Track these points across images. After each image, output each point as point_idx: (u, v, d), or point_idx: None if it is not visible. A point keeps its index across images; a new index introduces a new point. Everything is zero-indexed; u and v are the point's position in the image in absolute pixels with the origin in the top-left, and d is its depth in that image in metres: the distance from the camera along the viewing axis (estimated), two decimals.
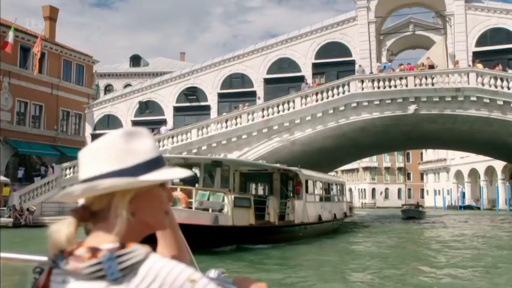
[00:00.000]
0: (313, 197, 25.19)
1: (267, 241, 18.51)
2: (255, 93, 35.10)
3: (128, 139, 1.24)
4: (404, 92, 28.28)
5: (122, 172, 1.20)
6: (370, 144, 37.00)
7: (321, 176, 27.55)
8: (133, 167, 1.21)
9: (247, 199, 19.47)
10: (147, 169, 1.23)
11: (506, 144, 33.37)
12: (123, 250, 1.15)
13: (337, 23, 34.51)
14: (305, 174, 23.55)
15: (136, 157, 1.23)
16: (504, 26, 31.69)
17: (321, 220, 25.03)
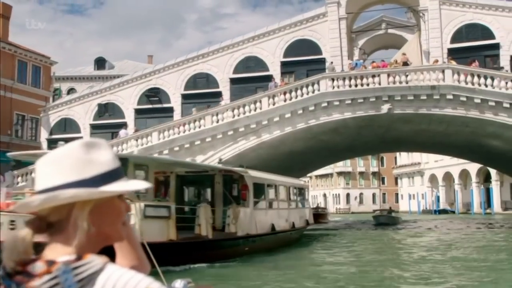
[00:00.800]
0: (265, 203, 21.73)
1: (198, 260, 15.38)
2: (221, 93, 33.18)
3: (88, 149, 1.23)
4: (377, 91, 26.66)
5: (83, 182, 1.19)
6: (343, 147, 35.43)
7: (275, 178, 23.56)
8: (93, 178, 1.20)
9: (165, 208, 15.71)
10: (107, 180, 1.22)
11: (482, 146, 32.10)
12: (79, 262, 1.13)
13: (306, 20, 32.82)
14: (253, 176, 20.03)
15: (96, 168, 1.21)
16: (480, 22, 30.38)
17: (275, 231, 21.53)
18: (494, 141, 29.93)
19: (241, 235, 18.42)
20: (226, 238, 17.96)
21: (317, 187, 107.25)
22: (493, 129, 27.39)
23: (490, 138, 29.36)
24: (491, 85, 25.52)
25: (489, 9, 30.27)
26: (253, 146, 28.78)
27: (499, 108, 25.47)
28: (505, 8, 30.09)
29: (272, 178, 23.06)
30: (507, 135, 27.70)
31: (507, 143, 29.17)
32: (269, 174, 22.85)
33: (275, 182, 23.48)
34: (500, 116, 25.57)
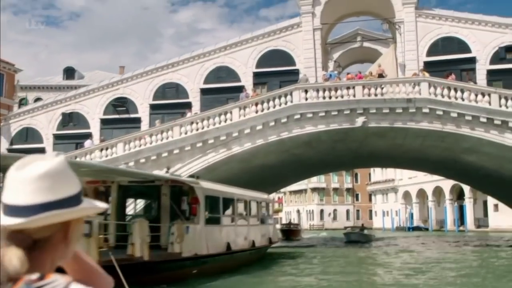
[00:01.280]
0: (219, 219, 19.22)
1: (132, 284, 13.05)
2: (191, 104, 32.00)
3: (66, 168, 1.23)
4: (352, 103, 25.78)
5: (70, 200, 1.20)
6: (316, 162, 34.50)
7: (233, 191, 21.10)
8: (76, 195, 1.21)
9: (85, 224, 13.36)
10: (80, 200, 1.23)
11: (457, 161, 31.44)
12: (42, 282, 1.11)
13: (280, 30, 31.92)
14: (205, 187, 17.75)
15: (72, 188, 1.22)
16: (456, 35, 29.85)
17: (230, 250, 19.28)
18: (470, 157, 29.27)
19: (187, 256, 16.09)
20: (166, 260, 15.44)
21: (291, 203, 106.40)
22: (469, 145, 26.71)
23: (465, 153, 28.70)
24: (467, 99, 24.84)
25: (466, 22, 29.81)
26: (223, 159, 27.61)
27: (476, 122, 24.79)
28: (481, 22, 29.65)
29: (228, 191, 20.69)
30: (483, 151, 27.06)
31: (482, 159, 28.54)
32: (225, 186, 20.74)
33: (233, 195, 20.97)
34: (477, 131, 24.89)
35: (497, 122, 24.50)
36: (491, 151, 26.65)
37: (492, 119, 24.49)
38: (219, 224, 19.13)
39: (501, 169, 29.20)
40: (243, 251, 20.89)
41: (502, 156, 26.69)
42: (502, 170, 29.25)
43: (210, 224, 18.04)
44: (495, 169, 29.62)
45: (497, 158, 27.44)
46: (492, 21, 29.56)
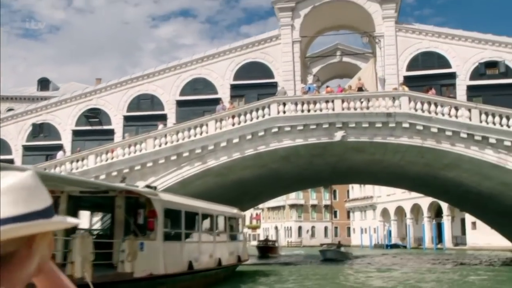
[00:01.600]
0: (180, 235, 17.28)
1: None
2: (166, 116, 31.14)
3: (37, 181, 1.20)
4: (331, 117, 25.19)
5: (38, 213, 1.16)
6: (294, 177, 33.83)
7: (196, 204, 19.22)
8: (46, 209, 1.18)
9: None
10: (52, 213, 1.21)
11: (437, 178, 31.03)
12: None
13: (259, 42, 31.35)
14: (164, 199, 16.11)
15: (46, 199, 1.20)
16: (436, 50, 29.58)
17: (193, 269, 17.61)
18: (449, 174, 28.87)
19: (140, 276, 14.23)
20: (114, 281, 13.39)
21: (269, 220, 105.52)
22: (449, 161, 26.28)
23: (445, 170, 28.29)
24: (448, 114, 24.43)
25: (446, 37, 29.59)
26: (198, 173, 26.76)
27: (456, 138, 24.37)
28: (461, 37, 29.47)
29: (191, 204, 18.84)
30: (463, 168, 26.66)
31: (462, 176, 28.14)
32: (188, 199, 19.19)
33: (197, 208, 18.98)
34: (457, 146, 24.45)
35: (478, 138, 24.10)
36: (470, 168, 26.27)
37: (473, 135, 24.09)
38: (180, 241, 17.18)
39: (480, 186, 28.88)
40: (208, 270, 19.29)
41: (482, 172, 26.34)
42: (481, 187, 28.92)
43: (169, 241, 16.23)
44: (474, 186, 29.29)
45: (476, 174, 27.08)
46: (472, 36, 29.41)
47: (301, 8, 30.70)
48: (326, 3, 30.56)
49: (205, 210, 19.86)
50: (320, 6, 30.66)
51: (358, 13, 30.53)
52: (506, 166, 24.23)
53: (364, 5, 30.13)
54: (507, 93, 28.07)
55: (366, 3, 30.05)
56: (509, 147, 23.98)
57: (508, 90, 28.23)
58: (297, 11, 30.68)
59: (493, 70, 29.10)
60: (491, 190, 28.58)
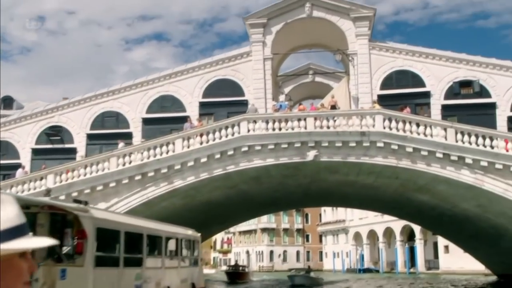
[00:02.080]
0: (117, 260, 14.22)
1: None
2: (131, 134, 29.83)
3: None
4: (303, 135, 24.20)
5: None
6: (265, 199, 32.76)
7: (139, 224, 16.34)
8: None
9: None
10: (8, 238, 1.18)
11: (411, 200, 30.30)
12: None
13: (229, 58, 30.43)
14: (96, 217, 13.24)
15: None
16: (410, 69, 29.08)
17: None
18: (424, 196, 28.14)
19: None
20: None
21: (240, 244, 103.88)
22: (424, 182, 25.51)
23: (420, 192, 27.54)
24: (423, 133, 23.68)
25: (419, 56, 29.13)
26: (163, 194, 25.41)
27: (432, 158, 23.60)
28: (435, 56, 29.03)
29: (134, 223, 15.86)
30: (438, 189, 25.90)
31: (437, 197, 27.41)
32: (129, 217, 17.00)
33: (140, 229, 15.94)
34: (433, 167, 23.67)
35: (454, 158, 23.38)
36: (446, 189, 25.54)
37: (449, 155, 23.36)
38: (117, 267, 14.18)
39: (455, 208, 28.21)
40: None
41: (457, 194, 25.63)
42: (456, 210, 28.24)
43: (102, 267, 13.35)
44: (449, 208, 28.61)
45: (451, 196, 26.38)
46: (446, 55, 29.01)
47: (273, 24, 29.98)
48: (299, 20, 29.91)
49: (151, 230, 16.80)
50: (293, 23, 29.99)
51: (331, 31, 29.96)
52: (482, 187, 23.50)
53: (337, 22, 29.59)
54: (481, 112, 27.64)
55: (339, 20, 29.51)
56: (485, 168, 23.28)
57: (483, 110, 27.83)
58: (269, 28, 29.95)
59: (467, 90, 28.72)
60: (466, 212, 27.91)
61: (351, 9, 29.43)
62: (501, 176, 23.26)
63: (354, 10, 29.33)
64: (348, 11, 29.52)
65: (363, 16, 29.28)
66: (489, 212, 26.02)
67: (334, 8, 29.76)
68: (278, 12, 30.10)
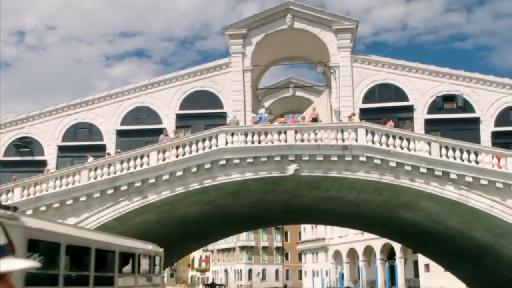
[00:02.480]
0: (56, 278, 11.69)
1: None
2: (105, 147, 28.71)
3: None
4: (283, 149, 23.33)
5: None
6: (244, 216, 31.75)
7: (87, 236, 13.72)
8: None
9: None
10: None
11: (394, 217, 29.57)
12: None
13: (207, 69, 29.57)
14: (28, 226, 10.69)
15: None
16: (393, 82, 28.54)
17: None
18: (407, 213, 27.42)
19: None
20: None
21: (219, 262, 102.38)
22: (407, 198, 24.77)
23: (403, 208, 26.82)
24: (407, 148, 22.98)
25: (402, 69, 28.61)
26: (137, 209, 24.25)
27: (416, 173, 22.87)
28: (418, 70, 28.54)
29: (78, 235, 13.20)
30: (422, 205, 25.18)
31: (420, 214, 26.68)
32: (74, 227, 14.66)
33: (88, 242, 13.30)
34: (417, 182, 22.93)
35: (438, 173, 22.68)
36: (429, 206, 24.83)
37: (433, 170, 22.67)
38: (56, 286, 11.87)
39: (438, 226, 27.51)
40: None
41: (441, 210, 24.92)
42: (439, 227, 27.54)
43: (36, 286, 11.13)
44: (432, 226, 27.89)
45: (435, 213, 25.67)
46: (429, 69, 28.55)
47: (253, 35, 29.27)
48: (280, 32, 29.27)
49: (101, 244, 14.12)
50: (273, 34, 29.32)
51: (312, 43, 29.36)
52: (467, 203, 22.80)
53: (318, 34, 28.99)
54: (465, 127, 27.16)
55: (321, 32, 28.92)
56: (470, 183, 22.62)
57: (467, 125, 27.35)
58: (249, 39, 29.23)
59: (451, 104, 28.25)
60: (449, 230, 27.21)
61: (333, 21, 28.89)
62: (486, 192, 22.61)
63: (336, 22, 28.79)
64: (330, 23, 28.97)
65: (345, 28, 28.74)
66: (473, 229, 25.35)
67: (315, 19, 29.20)
68: (258, 23, 29.44)
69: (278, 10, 29.41)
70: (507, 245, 24.61)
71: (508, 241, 24.31)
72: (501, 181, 22.45)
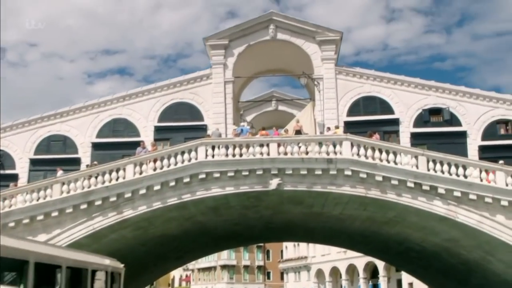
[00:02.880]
0: None
1: None
2: (79, 160, 27.57)
3: None
4: (265, 162, 22.41)
5: None
6: (225, 233, 30.69)
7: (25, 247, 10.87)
8: None
9: None
10: None
11: (378, 234, 28.76)
12: None
13: (187, 81, 28.69)
14: None
15: None
16: (378, 95, 27.93)
17: None
18: (392, 229, 26.64)
19: None
20: None
21: (199, 282, 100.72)
22: (393, 214, 23.97)
23: (388, 225, 26.02)
24: (393, 161, 22.22)
25: (388, 82, 28.04)
26: (112, 225, 23.06)
27: (403, 188, 22.09)
28: (404, 82, 27.98)
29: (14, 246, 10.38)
30: (408, 221, 24.41)
31: (406, 231, 25.93)
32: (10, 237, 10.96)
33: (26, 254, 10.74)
34: (404, 197, 22.14)
35: (425, 188, 21.94)
36: (416, 222, 24.06)
37: (420, 184, 21.92)
38: None
39: (424, 242, 26.75)
40: None
41: (428, 227, 24.16)
42: (425, 244, 26.77)
43: None
44: (418, 243, 27.13)
45: (422, 229, 24.91)
46: (414, 82, 28.05)
47: (235, 46, 28.53)
48: (262, 43, 28.60)
49: (44, 257, 11.55)
50: (256, 45, 28.63)
51: (296, 55, 28.70)
52: (455, 219, 22.06)
53: (302, 45, 28.37)
54: (452, 141, 26.60)
55: (305, 43, 28.29)
56: (459, 198, 21.91)
57: (453, 139, 26.80)
58: (231, 50, 28.47)
59: (437, 117, 27.71)
60: (435, 247, 26.44)
61: (317, 32, 28.28)
62: (475, 207, 21.91)
63: (320, 33, 28.18)
64: (313, 34, 28.35)
65: (329, 40, 28.14)
66: (461, 246, 24.59)
67: (299, 30, 28.57)
68: (240, 34, 28.72)
69: (260, 20, 28.77)
70: (495, 262, 23.88)
71: (496, 258, 23.58)
72: (490, 196, 21.78)
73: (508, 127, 27.63)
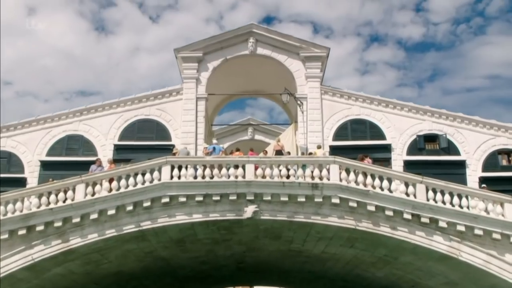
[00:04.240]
0: None
1: None
2: (25, 180, 24.18)
3: None
4: (240, 186, 19.26)
5: None
6: (191, 272, 27.35)
7: None
8: None
9: None
10: None
11: (362, 278, 25.70)
12: None
13: (155, 96, 25.84)
14: None
15: None
16: (368, 118, 25.39)
17: None
18: (380, 272, 23.55)
19: None
20: None
21: None
22: (385, 252, 20.87)
23: (376, 266, 22.97)
24: (388, 189, 19.27)
25: (379, 104, 25.56)
26: (56, 256, 19.47)
27: (398, 220, 19.12)
28: (396, 105, 25.50)
29: None
30: (401, 262, 21.34)
31: (396, 273, 22.84)
32: None
33: None
34: (399, 231, 19.12)
35: (425, 220, 18.99)
36: (410, 261, 21.00)
37: (419, 216, 18.98)
38: None
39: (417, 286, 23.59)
40: None
41: (424, 267, 21.11)
42: None
43: None
44: None
45: (416, 271, 21.85)
46: (408, 105, 25.58)
47: (210, 60, 25.91)
48: (240, 57, 26.09)
49: None
50: (233, 60, 26.06)
51: (277, 72, 26.11)
52: (458, 257, 19.02)
53: (284, 62, 25.91)
54: (450, 172, 23.95)
55: (287, 60, 25.82)
56: (462, 234, 18.97)
57: (451, 169, 24.24)
58: (205, 63, 25.83)
59: (433, 145, 25.24)
60: None
61: (301, 48, 25.80)
62: (481, 244, 18.96)
63: (305, 49, 25.69)
64: (297, 50, 25.88)
65: (315, 56, 25.69)
66: None
67: (281, 45, 26.12)
68: (217, 46, 26.12)
69: (239, 32, 26.29)
70: None
71: None
72: (498, 231, 18.89)
73: (510, 158, 25.21)
